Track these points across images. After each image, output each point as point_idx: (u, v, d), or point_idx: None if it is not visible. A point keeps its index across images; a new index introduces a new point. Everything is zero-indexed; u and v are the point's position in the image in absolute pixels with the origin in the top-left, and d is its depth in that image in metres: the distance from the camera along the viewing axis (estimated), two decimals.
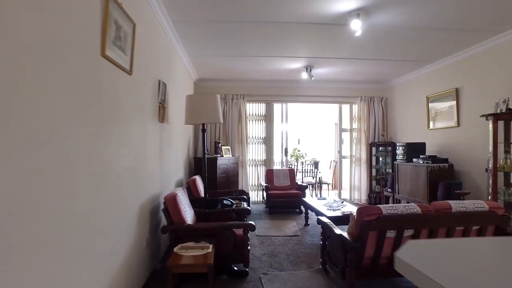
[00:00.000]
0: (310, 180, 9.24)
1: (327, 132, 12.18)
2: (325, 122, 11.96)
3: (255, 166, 7.84)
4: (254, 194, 7.88)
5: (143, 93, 3.17)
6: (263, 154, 7.81)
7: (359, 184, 7.80)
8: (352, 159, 8.04)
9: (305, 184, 8.60)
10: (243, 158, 7.49)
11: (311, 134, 12.27)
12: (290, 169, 7.48)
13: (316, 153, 11.58)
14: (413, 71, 6.64)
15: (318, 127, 12.23)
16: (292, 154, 9.69)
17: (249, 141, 7.76)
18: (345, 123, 8.15)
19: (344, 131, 8.15)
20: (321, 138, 12.35)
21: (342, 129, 8.14)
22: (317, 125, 12.18)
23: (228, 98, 7.49)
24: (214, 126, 7.40)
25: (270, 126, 7.78)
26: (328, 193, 9.61)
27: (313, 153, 11.24)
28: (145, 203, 3.23)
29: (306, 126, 12.06)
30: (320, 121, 11.88)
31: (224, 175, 6.59)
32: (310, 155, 10.37)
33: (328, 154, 12.15)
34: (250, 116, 7.78)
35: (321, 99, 7.93)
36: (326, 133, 12.24)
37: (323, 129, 12.24)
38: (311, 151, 11.01)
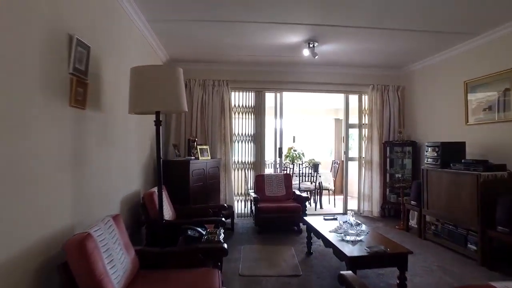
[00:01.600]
0: (308, 185, 7.75)
1: (327, 129, 10.71)
2: (325, 117, 10.47)
3: (242, 170, 6.30)
4: (241, 206, 6.34)
5: (12, 47, 1.62)
6: (252, 155, 6.28)
7: (370, 192, 6.32)
8: (361, 162, 6.56)
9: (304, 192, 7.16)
10: (227, 160, 5.95)
11: (309, 131, 10.76)
12: (286, 175, 5.97)
13: (315, 153, 10.08)
14: (445, 50, 5.16)
15: (316, 122, 10.74)
16: (287, 155, 8.19)
17: (235, 139, 6.22)
18: (353, 117, 6.66)
19: (351, 127, 6.65)
20: (320, 136, 10.86)
21: (349, 124, 6.64)
22: (316, 121, 10.69)
23: (208, 85, 5.94)
24: (187, 119, 5.84)
25: (261, 121, 6.25)
26: (330, 201, 8.14)
27: (311, 153, 9.74)
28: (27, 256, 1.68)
29: (303, 122, 10.55)
30: (319, 115, 10.39)
31: (201, 184, 5.04)
32: (308, 155, 8.87)
33: (327, 154, 10.69)
34: (236, 108, 6.24)
35: (325, 87, 6.41)
36: (325, 130, 10.75)
37: (323, 125, 10.75)
38: (309, 151, 9.51)
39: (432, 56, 5.48)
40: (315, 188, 7.75)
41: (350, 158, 6.69)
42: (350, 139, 7.14)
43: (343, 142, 10.64)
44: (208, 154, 5.37)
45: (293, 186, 5.98)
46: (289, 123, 9.85)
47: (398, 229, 5.41)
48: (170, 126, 5.79)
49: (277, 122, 6.41)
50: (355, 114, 6.64)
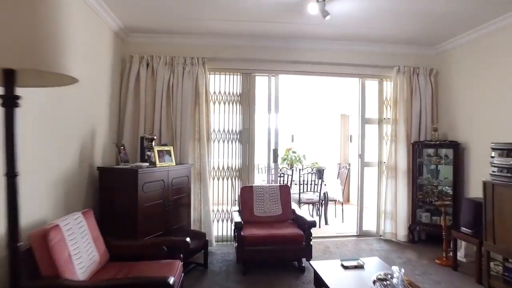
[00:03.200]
0: (310, 196, 6.19)
1: (332, 126, 9.14)
2: (329, 111, 8.91)
3: (224, 180, 4.72)
4: (223, 227, 4.76)
5: None
6: (237, 158, 4.71)
7: (394, 208, 4.76)
8: (381, 168, 5.00)
9: (306, 204, 5.83)
10: (202, 166, 4.37)
11: (310, 128, 9.19)
12: (283, 187, 4.39)
13: (317, 156, 8.51)
14: (509, 13, 3.62)
15: (319, 118, 9.16)
16: (285, 157, 6.61)
17: (214, 138, 4.65)
18: (370, 110, 5.09)
19: (368, 122, 5.08)
20: (323, 135, 9.28)
21: (365, 119, 5.07)
22: (319, 116, 9.11)
23: (177, 64, 4.36)
24: (148, 109, 4.26)
25: (250, 113, 4.68)
26: (336, 213, 6.59)
27: (314, 155, 8.17)
28: None
29: (303, 117, 8.97)
30: (323, 109, 8.81)
31: (158, 202, 3.47)
32: (309, 158, 7.30)
33: (332, 157, 9.12)
34: (216, 95, 4.67)
35: (334, 69, 4.85)
36: (330, 127, 9.19)
37: (327, 121, 9.19)
38: (311, 153, 7.93)
39: (486, 23, 3.92)
40: (319, 200, 6.20)
41: (366, 163, 5.11)
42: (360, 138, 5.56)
43: (350, 142, 9.14)
44: (172, 159, 3.79)
45: (292, 198, 4.41)
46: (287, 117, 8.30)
47: (439, 264, 3.86)
48: (124, 119, 4.21)
49: (272, 115, 4.84)
50: (374, 106, 5.07)
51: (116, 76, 4.18)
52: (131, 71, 4.26)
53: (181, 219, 3.91)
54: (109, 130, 3.93)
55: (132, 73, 4.25)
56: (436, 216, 4.49)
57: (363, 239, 4.88)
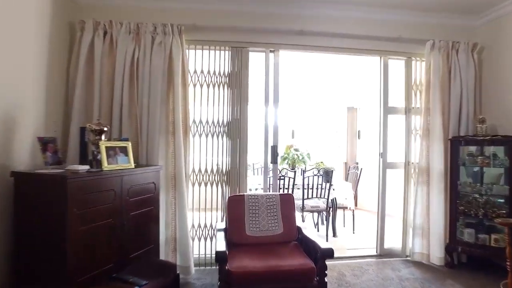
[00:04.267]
0: (316, 203, 5.15)
1: (337, 121, 8.11)
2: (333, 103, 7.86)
3: (207, 185, 3.63)
4: (205, 246, 3.67)
5: None
6: (225, 157, 3.62)
7: (425, 221, 3.71)
8: (408, 170, 3.94)
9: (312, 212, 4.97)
10: (178, 168, 3.28)
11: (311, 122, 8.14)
12: (285, 196, 3.31)
13: (321, 154, 7.46)
14: None
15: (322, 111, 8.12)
16: (285, 156, 5.53)
17: (195, 131, 3.58)
18: (394, 97, 4.03)
19: (392, 112, 4.01)
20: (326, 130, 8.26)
21: (388, 109, 3.99)
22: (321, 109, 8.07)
23: (145, 33, 3.27)
24: (104, 91, 3.17)
25: (242, 99, 3.60)
26: (344, 221, 5.57)
27: (317, 154, 7.11)
28: None
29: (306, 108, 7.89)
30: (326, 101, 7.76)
31: (107, 223, 2.39)
32: (313, 157, 6.22)
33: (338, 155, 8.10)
34: (196, 76, 3.59)
35: (351, 43, 3.78)
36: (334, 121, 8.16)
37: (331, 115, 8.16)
38: (314, 151, 6.86)
39: None
40: (327, 207, 5.16)
41: (390, 164, 4.03)
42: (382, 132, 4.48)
43: (358, 139, 8.10)
44: (130, 159, 2.69)
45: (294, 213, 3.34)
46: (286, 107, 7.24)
47: None
48: (72, 105, 3.12)
49: (270, 101, 3.77)
50: (398, 92, 4.02)
51: (59, 47, 3.09)
52: (82, 41, 3.16)
53: (145, 243, 2.83)
54: (44, 120, 2.84)
55: (84, 44, 3.15)
56: (484, 233, 3.44)
57: (386, 261, 3.83)
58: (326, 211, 5.20)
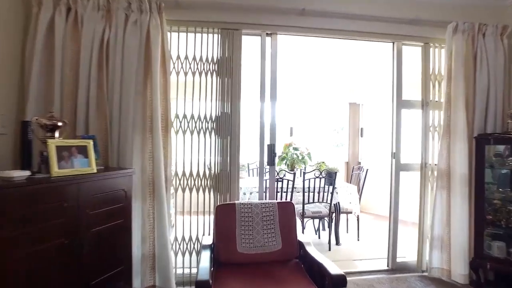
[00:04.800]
0: (318, 208, 4.66)
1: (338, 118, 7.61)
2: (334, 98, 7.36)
3: (193, 191, 3.09)
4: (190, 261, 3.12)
5: None
6: (214, 158, 3.09)
7: (446, 232, 3.21)
8: (425, 173, 3.43)
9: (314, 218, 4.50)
10: (156, 171, 2.75)
11: (312, 119, 7.62)
12: (284, 205, 2.78)
13: (322, 153, 6.96)
14: None
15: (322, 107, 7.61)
16: (284, 156, 4.99)
17: (178, 127, 3.04)
18: (409, 90, 3.51)
19: (406, 106, 3.48)
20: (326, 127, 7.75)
21: (402, 102, 3.46)
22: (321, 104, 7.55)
23: (117, 9, 2.72)
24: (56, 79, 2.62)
25: (233, 90, 3.07)
26: (348, 227, 5.08)
27: (318, 153, 6.58)
28: None
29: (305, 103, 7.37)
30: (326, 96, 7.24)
31: (58, 244, 1.85)
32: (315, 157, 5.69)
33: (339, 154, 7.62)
34: (179, 62, 3.05)
35: (360, 25, 3.25)
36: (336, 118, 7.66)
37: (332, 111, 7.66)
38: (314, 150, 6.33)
39: None
40: (330, 213, 4.65)
41: (404, 165, 3.50)
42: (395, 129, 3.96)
43: (361, 137, 7.60)
44: (91, 161, 2.15)
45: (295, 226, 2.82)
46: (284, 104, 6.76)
47: None
48: (27, 95, 2.57)
49: (267, 94, 3.24)
50: (414, 83, 3.50)
51: (10, 26, 2.55)
52: (39, 19, 2.60)
53: (112, 264, 2.30)
54: None
55: (42, 22, 2.60)
56: None
57: (400, 278, 3.32)
58: (328, 216, 4.69)
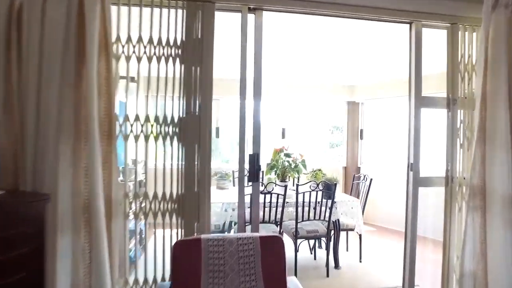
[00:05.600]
0: (316, 225, 3.94)
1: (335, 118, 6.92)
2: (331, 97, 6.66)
3: (148, 218, 2.32)
4: None
5: None
6: (175, 174, 2.30)
7: (480, 267, 2.45)
8: (451, 189, 2.69)
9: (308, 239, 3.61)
10: (92, 192, 1.96)
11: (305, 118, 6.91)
12: (268, 239, 2.01)
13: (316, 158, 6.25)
14: None
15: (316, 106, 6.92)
16: (273, 164, 4.21)
17: (124, 131, 2.25)
18: (430, 83, 2.78)
19: (427, 104, 2.73)
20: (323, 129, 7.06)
21: (421, 99, 2.71)
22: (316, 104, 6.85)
23: None
24: None
25: (203, 84, 2.30)
26: (348, 245, 4.38)
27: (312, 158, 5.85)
28: None
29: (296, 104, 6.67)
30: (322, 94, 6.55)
31: None
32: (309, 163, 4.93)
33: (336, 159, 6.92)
34: (130, 45, 2.25)
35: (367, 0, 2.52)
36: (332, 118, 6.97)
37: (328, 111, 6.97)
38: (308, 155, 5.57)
39: None
40: (328, 231, 3.93)
41: (424, 179, 2.74)
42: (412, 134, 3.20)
43: (361, 139, 6.90)
44: None
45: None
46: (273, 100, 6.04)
47: None
48: None
49: (248, 88, 2.48)
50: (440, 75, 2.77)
51: None
52: None
53: None
54: None
55: None
56: None
57: None
58: (326, 236, 3.95)
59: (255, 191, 2.51)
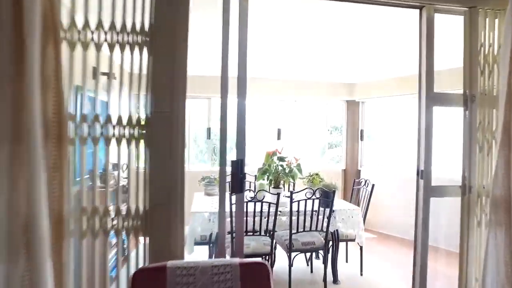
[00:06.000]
0: (312, 236, 3.57)
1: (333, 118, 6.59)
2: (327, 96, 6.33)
3: (108, 237, 1.94)
4: None
5: None
6: (143, 181, 1.93)
7: None
8: (469, 200, 2.31)
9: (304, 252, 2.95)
10: (34, 209, 1.57)
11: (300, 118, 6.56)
12: (250, 266, 1.64)
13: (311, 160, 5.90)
14: None
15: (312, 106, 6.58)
16: (266, 169, 3.82)
17: (82, 134, 1.87)
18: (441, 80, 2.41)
19: (440, 102, 2.36)
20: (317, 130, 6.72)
21: (433, 96, 2.33)
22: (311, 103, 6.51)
23: None
24: None
25: (175, 77, 1.92)
26: (347, 256, 4.01)
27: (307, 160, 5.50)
28: None
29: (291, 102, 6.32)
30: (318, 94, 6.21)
31: None
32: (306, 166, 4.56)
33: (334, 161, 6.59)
34: (89, 31, 1.87)
35: None
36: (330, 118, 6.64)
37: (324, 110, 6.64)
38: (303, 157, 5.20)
39: None
40: (326, 243, 3.56)
41: (433, 188, 2.39)
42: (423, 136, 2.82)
43: (361, 140, 6.54)
44: None
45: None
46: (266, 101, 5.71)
47: None
48: None
49: (231, 83, 2.10)
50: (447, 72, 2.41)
51: None
52: None
53: None
54: None
55: None
56: None
57: None
58: (324, 249, 3.58)
59: (239, 204, 2.13)
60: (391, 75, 5.43)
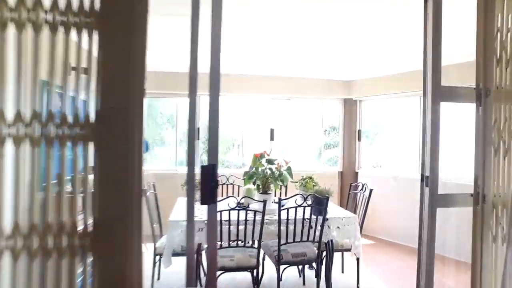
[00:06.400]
0: (305, 247, 3.24)
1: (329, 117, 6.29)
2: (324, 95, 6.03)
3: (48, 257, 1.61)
4: None
5: None
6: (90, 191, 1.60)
7: None
8: (482, 211, 1.98)
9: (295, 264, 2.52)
10: None
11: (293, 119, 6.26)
12: None
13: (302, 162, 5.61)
14: None
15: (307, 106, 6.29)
16: (253, 173, 3.48)
17: (18, 134, 1.54)
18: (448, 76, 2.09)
19: (449, 97, 2.04)
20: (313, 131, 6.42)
21: (440, 91, 2.01)
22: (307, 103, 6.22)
23: None
24: None
25: (132, 70, 1.59)
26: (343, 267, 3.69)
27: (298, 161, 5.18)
28: None
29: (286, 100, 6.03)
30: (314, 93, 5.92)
31: None
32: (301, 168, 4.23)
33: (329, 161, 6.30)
34: (23, 8, 1.55)
35: None
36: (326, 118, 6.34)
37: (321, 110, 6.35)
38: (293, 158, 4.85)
39: None
40: (319, 254, 3.23)
41: (440, 196, 2.06)
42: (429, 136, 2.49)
43: (359, 141, 6.22)
44: None
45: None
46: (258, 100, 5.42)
47: None
48: None
49: (203, 77, 1.78)
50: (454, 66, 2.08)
51: None
52: None
53: None
54: None
55: None
56: None
57: None
58: (317, 261, 3.25)
59: (212, 216, 1.79)
60: (391, 72, 5.13)
